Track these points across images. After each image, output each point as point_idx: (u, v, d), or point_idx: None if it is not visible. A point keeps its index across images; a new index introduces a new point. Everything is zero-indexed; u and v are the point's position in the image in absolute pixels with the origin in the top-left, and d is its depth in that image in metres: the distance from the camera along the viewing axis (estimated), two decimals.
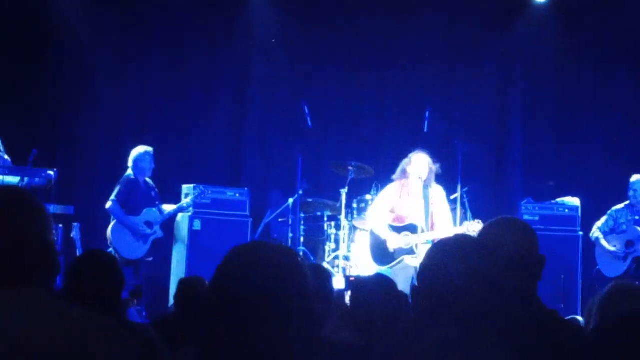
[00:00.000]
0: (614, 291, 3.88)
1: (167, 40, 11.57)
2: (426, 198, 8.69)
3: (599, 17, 11.64)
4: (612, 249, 9.53)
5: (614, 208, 9.75)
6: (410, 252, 8.57)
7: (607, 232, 9.67)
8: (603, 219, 9.76)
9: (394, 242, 8.61)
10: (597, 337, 2.85)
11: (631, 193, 9.59)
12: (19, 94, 10.86)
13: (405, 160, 8.77)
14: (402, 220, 8.73)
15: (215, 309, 2.13)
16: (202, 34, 11.68)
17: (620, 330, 2.71)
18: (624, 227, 9.58)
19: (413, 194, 8.74)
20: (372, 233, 8.88)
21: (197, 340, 2.18)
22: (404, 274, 8.40)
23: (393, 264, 8.63)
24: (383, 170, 9.92)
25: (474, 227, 8.51)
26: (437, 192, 8.82)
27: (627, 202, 9.68)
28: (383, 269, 8.52)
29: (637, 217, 9.55)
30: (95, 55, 11.33)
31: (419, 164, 8.69)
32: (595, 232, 9.74)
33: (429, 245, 3.31)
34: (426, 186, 8.72)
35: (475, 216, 9.58)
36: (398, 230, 8.69)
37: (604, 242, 9.63)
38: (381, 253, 8.72)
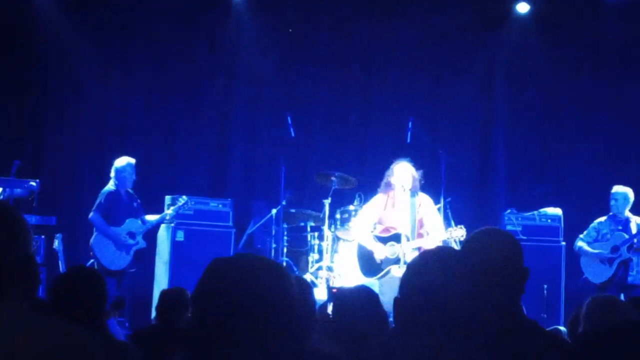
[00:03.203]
0: (593, 305, 3.89)
1: (150, 51, 11.56)
2: (412, 206, 8.70)
3: (580, 28, 11.71)
4: (597, 251, 9.57)
5: (596, 220, 9.81)
6: (397, 261, 8.57)
7: (590, 242, 9.71)
8: (586, 231, 9.82)
9: (380, 252, 8.61)
10: (579, 349, 2.86)
11: (612, 202, 9.67)
12: (1, 105, 10.82)
13: (388, 172, 8.79)
14: (389, 231, 8.74)
15: (198, 323, 2.11)
16: (185, 45, 11.67)
17: (601, 343, 2.72)
18: (608, 236, 9.63)
19: (399, 204, 8.74)
20: (359, 245, 8.88)
21: (181, 354, 2.17)
22: (391, 285, 8.33)
23: (380, 274, 8.63)
24: (366, 181, 9.93)
25: (456, 233, 8.54)
26: (424, 200, 8.82)
27: (609, 214, 9.74)
28: (371, 280, 8.51)
29: (620, 227, 9.60)
30: (79, 66, 11.31)
31: (401, 174, 8.70)
32: (579, 242, 9.79)
33: (417, 254, 3.31)
34: (412, 194, 8.73)
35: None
36: (384, 240, 8.70)
37: (587, 248, 9.67)
38: (368, 264, 8.72)
